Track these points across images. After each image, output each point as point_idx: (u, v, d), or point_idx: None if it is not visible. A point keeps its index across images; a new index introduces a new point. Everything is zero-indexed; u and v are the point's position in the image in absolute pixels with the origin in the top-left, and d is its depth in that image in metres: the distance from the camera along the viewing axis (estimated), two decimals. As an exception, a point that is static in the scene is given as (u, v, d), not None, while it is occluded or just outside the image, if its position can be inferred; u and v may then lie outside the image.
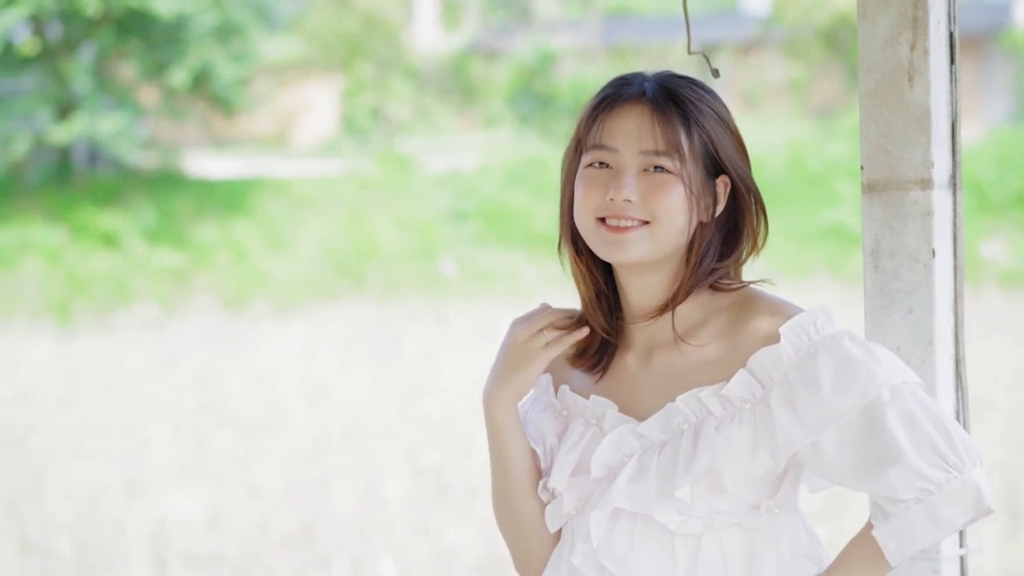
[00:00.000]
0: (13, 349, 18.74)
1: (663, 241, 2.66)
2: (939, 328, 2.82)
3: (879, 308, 2.87)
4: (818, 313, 2.61)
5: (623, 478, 2.65)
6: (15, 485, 11.67)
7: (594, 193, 2.67)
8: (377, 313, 21.07)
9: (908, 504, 2.53)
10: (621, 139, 2.67)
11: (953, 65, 2.87)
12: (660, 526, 2.64)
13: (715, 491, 2.61)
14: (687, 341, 2.69)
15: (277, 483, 11.60)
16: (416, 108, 34.22)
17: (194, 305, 22.17)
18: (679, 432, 2.64)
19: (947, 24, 2.86)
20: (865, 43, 2.85)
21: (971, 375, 3.73)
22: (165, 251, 24.44)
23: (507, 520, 2.84)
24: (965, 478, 2.51)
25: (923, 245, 2.80)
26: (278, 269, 24.13)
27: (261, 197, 26.34)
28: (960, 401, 2.87)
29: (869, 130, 2.84)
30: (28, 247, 23.91)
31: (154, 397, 15.22)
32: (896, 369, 2.56)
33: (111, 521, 10.64)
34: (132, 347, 18.80)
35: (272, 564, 9.58)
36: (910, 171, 2.80)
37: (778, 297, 2.69)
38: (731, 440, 2.59)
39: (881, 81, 2.84)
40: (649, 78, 2.73)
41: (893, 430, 2.51)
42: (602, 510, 2.66)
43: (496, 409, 2.75)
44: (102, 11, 25.69)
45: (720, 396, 2.62)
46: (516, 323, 2.74)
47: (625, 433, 2.68)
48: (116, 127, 25.73)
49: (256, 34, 27.59)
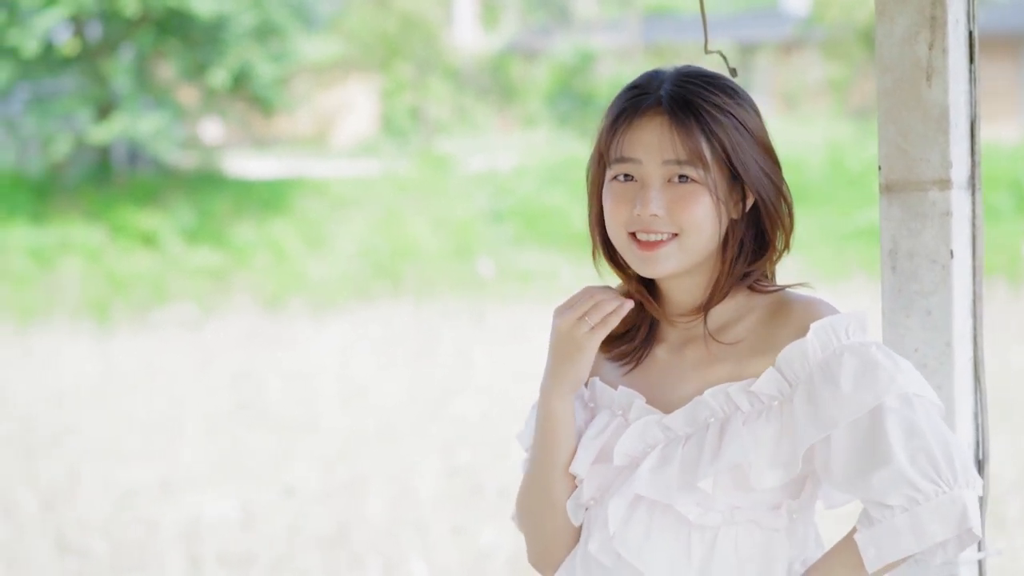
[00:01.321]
0: (52, 348, 18.82)
1: (693, 251, 2.66)
2: (957, 330, 2.79)
3: (897, 310, 2.85)
4: (852, 319, 2.60)
5: (646, 466, 2.64)
6: (51, 484, 11.71)
7: (622, 208, 2.67)
8: (414, 313, 21.09)
9: (894, 512, 2.51)
10: (642, 151, 2.66)
11: (972, 64, 2.83)
12: (678, 517, 2.64)
13: (738, 486, 2.60)
14: (718, 339, 2.69)
15: (311, 483, 11.61)
16: (455, 108, 34.23)
17: (232, 305, 22.22)
18: (705, 425, 2.63)
19: (966, 23, 2.82)
20: (883, 42, 2.83)
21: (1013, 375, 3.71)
22: (204, 251, 24.50)
23: (540, 512, 2.80)
24: (954, 494, 2.49)
25: (941, 246, 2.78)
26: (316, 269, 24.17)
27: (300, 197, 26.37)
28: (978, 403, 2.84)
29: (887, 130, 2.82)
30: (68, 247, 23.99)
31: (190, 397, 15.26)
32: (916, 382, 2.56)
33: (146, 520, 10.67)
34: (170, 347, 18.86)
35: (305, 564, 9.59)
36: (928, 171, 2.78)
37: (815, 297, 2.68)
38: (758, 436, 2.59)
39: (899, 81, 2.82)
40: (666, 80, 2.70)
41: (891, 434, 2.51)
42: (622, 497, 2.65)
43: (554, 399, 2.72)
44: (142, 11, 25.76)
45: (748, 392, 2.61)
46: (558, 312, 2.72)
47: (650, 424, 2.68)
48: (156, 127, 25.80)
49: (295, 34, 27.62)
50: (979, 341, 2.83)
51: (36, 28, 25.16)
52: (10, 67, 25.66)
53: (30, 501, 11.17)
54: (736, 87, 2.72)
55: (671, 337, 2.76)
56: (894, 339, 2.85)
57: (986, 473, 2.82)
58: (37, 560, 9.81)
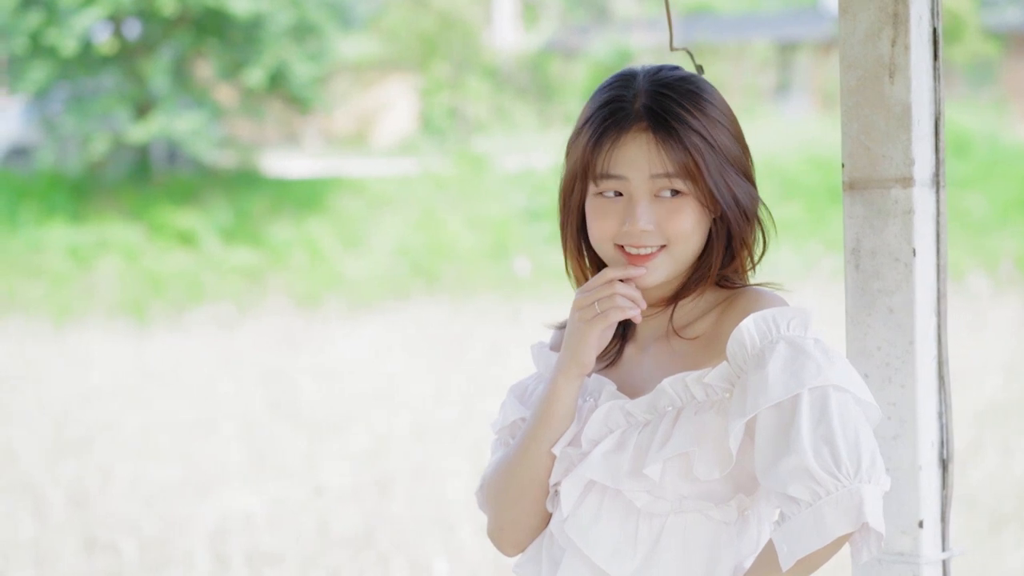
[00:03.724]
0: (88, 347, 18.90)
1: (681, 260, 2.70)
2: (920, 329, 2.78)
3: (860, 308, 2.84)
4: (795, 313, 2.61)
5: (599, 450, 2.67)
6: (81, 483, 11.77)
7: (609, 223, 2.70)
8: (449, 312, 21.09)
9: (800, 507, 2.51)
10: (628, 167, 2.68)
11: (936, 61, 2.81)
12: (627, 503, 2.66)
13: (685, 476, 2.62)
14: (682, 334, 2.73)
15: (340, 482, 11.62)
16: (493, 107, 34.23)
17: (268, 304, 22.28)
18: (663, 414, 2.65)
19: (930, 20, 2.80)
20: (846, 39, 2.81)
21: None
22: (241, 250, 24.56)
23: (520, 489, 2.80)
24: (851, 488, 2.48)
25: (904, 244, 2.76)
26: (352, 268, 24.20)
27: (337, 196, 26.41)
28: (943, 403, 2.82)
29: (850, 128, 2.81)
30: (106, 245, 24.09)
31: (223, 396, 15.30)
32: (844, 377, 2.56)
33: (175, 519, 10.70)
34: (205, 346, 18.91)
35: (331, 563, 9.61)
36: (891, 169, 2.76)
37: (774, 295, 2.70)
38: (704, 426, 2.60)
39: (862, 78, 2.80)
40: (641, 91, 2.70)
41: (800, 423, 2.51)
42: (574, 480, 2.69)
43: (559, 378, 2.73)
44: (180, 11, 25.87)
45: (703, 383, 2.63)
46: (578, 293, 2.74)
47: (614, 408, 2.70)
48: (193, 126, 25.90)
49: (332, 33, 27.67)
50: (943, 340, 2.82)
51: (75, 27, 25.30)
52: (49, 66, 25.82)
53: (60, 499, 11.23)
54: (706, 92, 2.72)
55: (640, 334, 2.80)
56: (857, 338, 2.84)
57: (950, 472, 2.80)
58: (65, 558, 9.86)
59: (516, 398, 2.93)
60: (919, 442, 2.74)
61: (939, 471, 2.80)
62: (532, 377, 2.95)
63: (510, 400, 2.93)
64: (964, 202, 25.17)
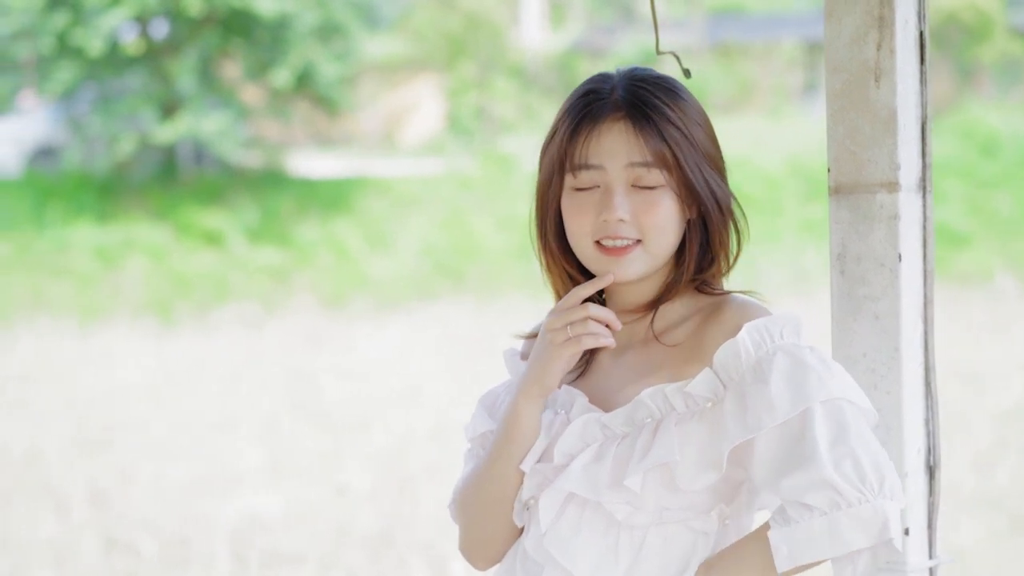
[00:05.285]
0: (114, 347, 18.97)
1: (657, 255, 2.66)
2: (906, 335, 2.75)
3: (845, 314, 2.81)
4: (786, 321, 2.58)
5: (578, 463, 2.62)
6: (103, 482, 11.81)
7: (586, 217, 2.66)
8: (475, 312, 21.11)
9: (813, 513, 2.47)
10: (605, 156, 2.64)
11: (923, 65, 2.79)
12: (607, 516, 2.61)
13: (667, 486, 2.57)
14: (661, 340, 2.68)
15: (363, 483, 11.64)
16: (520, 107, 34.20)
17: (294, 304, 22.33)
18: (641, 425, 2.61)
19: (916, 23, 2.78)
20: (831, 43, 2.79)
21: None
22: (267, 250, 24.61)
23: (487, 506, 2.77)
24: (876, 504, 2.45)
25: (889, 249, 2.74)
26: (378, 268, 24.23)
27: (363, 196, 26.44)
28: (929, 410, 2.80)
29: (836, 132, 2.78)
30: (133, 245, 24.16)
31: (247, 395, 15.34)
32: (847, 387, 2.53)
33: (195, 518, 10.73)
34: (230, 346, 18.97)
35: (351, 563, 9.62)
36: (876, 173, 2.74)
37: (760, 305, 2.65)
38: (688, 436, 2.56)
39: (847, 82, 2.78)
40: (618, 85, 2.68)
41: (819, 439, 2.47)
42: (553, 493, 2.64)
43: (521, 398, 2.68)
44: (206, 11, 25.92)
45: (684, 393, 2.58)
46: (552, 311, 2.69)
47: (590, 422, 2.65)
48: (220, 127, 25.95)
49: (359, 33, 27.69)
50: (930, 346, 2.79)
51: (101, 28, 25.38)
52: (76, 67, 25.91)
53: (81, 498, 11.27)
54: (682, 91, 2.70)
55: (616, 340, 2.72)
56: (843, 344, 2.82)
57: (937, 479, 2.78)
58: (85, 557, 9.89)
59: (485, 409, 2.89)
60: (905, 449, 2.73)
61: (926, 478, 2.78)
62: (504, 385, 2.91)
63: (479, 411, 2.89)
64: (992, 202, 25.09)
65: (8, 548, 10.12)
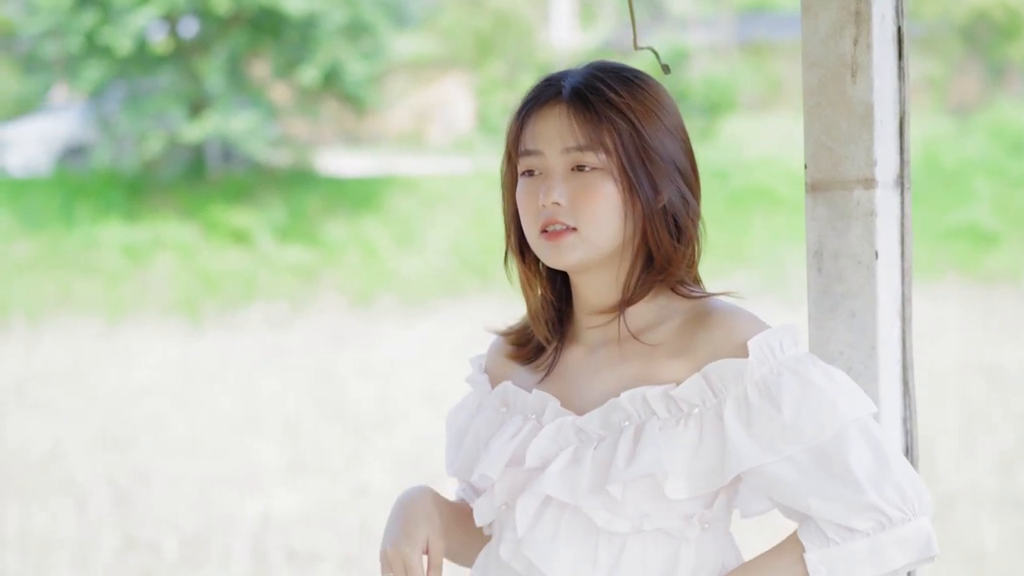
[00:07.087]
0: (141, 345, 19.02)
1: (596, 245, 2.60)
2: (883, 333, 2.73)
3: (823, 312, 2.79)
4: (785, 332, 2.54)
5: (555, 466, 2.57)
6: (126, 480, 11.84)
7: (531, 202, 2.63)
8: (503, 311, 20.98)
9: (855, 535, 2.46)
10: (543, 142, 2.62)
11: (901, 60, 2.76)
12: (587, 522, 2.57)
13: (650, 495, 2.52)
14: (641, 338, 2.62)
15: (384, 482, 11.64)
16: (550, 106, 34.16)
17: (321, 303, 22.35)
18: (619, 429, 2.56)
19: (894, 18, 2.75)
20: (808, 38, 2.77)
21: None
22: (295, 248, 24.63)
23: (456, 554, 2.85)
24: (918, 523, 2.46)
25: (866, 246, 2.71)
26: (406, 266, 24.23)
27: (392, 195, 26.45)
28: (907, 408, 2.78)
29: (812, 128, 2.76)
30: (161, 244, 24.22)
31: (272, 394, 15.36)
32: (858, 401, 2.50)
33: (216, 516, 10.75)
34: (257, 344, 19.01)
35: (372, 563, 9.62)
36: (853, 170, 2.71)
37: (742, 308, 2.60)
38: (674, 444, 2.51)
39: (824, 77, 2.76)
40: (572, 74, 2.67)
41: (853, 464, 2.45)
42: (530, 497, 2.59)
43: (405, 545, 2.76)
44: (234, 10, 25.95)
45: (668, 397, 2.53)
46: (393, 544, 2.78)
47: (564, 426, 2.60)
48: (248, 125, 25.97)
49: (387, 32, 27.68)
50: (908, 344, 2.77)
51: (130, 27, 25.42)
52: (104, 66, 25.96)
53: (103, 496, 11.30)
54: (645, 83, 2.66)
55: (587, 340, 2.70)
56: (820, 342, 2.80)
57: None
58: (105, 554, 9.92)
59: (455, 438, 2.87)
60: (883, 446, 2.71)
61: (904, 475, 2.77)
62: (465, 400, 2.89)
63: (449, 441, 2.88)
64: (1021, 201, 24.97)
65: (30, 545, 10.15)
